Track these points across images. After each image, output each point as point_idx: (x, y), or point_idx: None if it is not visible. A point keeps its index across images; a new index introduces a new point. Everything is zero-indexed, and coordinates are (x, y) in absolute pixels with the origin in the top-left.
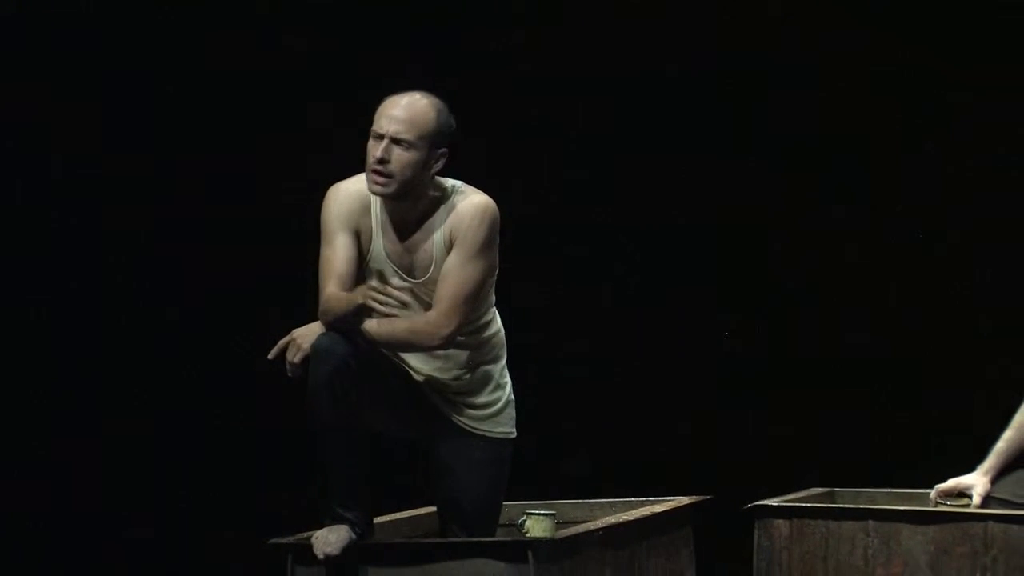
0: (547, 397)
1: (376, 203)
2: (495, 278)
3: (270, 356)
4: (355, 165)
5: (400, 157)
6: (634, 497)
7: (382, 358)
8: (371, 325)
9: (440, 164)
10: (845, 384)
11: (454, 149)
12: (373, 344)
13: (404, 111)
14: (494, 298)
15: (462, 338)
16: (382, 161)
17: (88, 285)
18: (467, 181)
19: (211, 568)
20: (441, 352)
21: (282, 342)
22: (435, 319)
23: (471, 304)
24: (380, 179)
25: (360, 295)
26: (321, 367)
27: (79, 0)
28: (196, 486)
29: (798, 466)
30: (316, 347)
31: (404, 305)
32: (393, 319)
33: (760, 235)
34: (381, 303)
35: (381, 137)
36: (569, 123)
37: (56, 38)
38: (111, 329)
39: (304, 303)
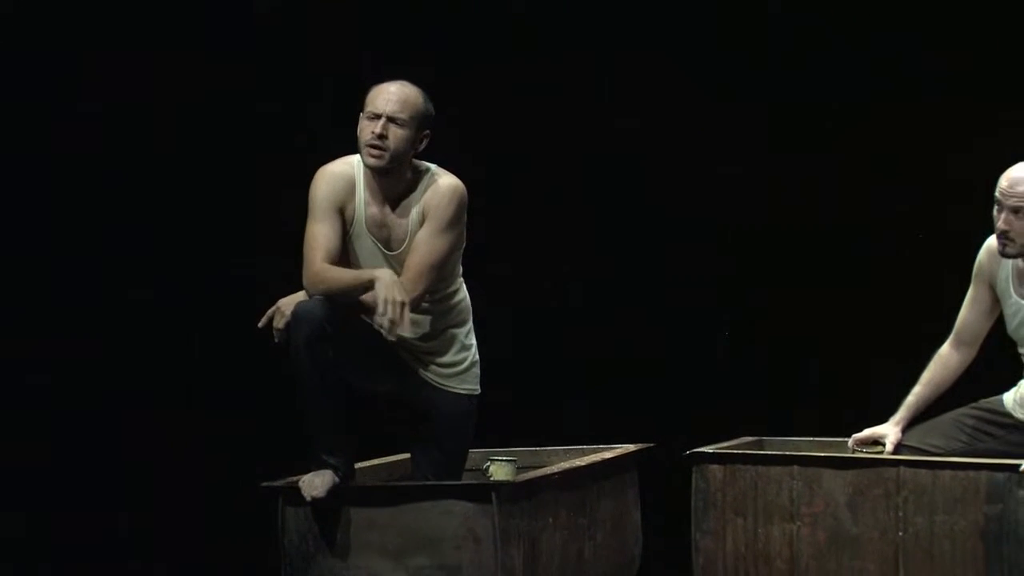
0: (516, 356)
1: (360, 183)
2: (461, 252)
3: (260, 324)
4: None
5: (395, 133)
6: (586, 445)
7: (358, 322)
8: (358, 295)
9: (423, 144)
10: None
11: (433, 133)
12: (350, 308)
13: (398, 94)
14: (460, 269)
15: (427, 304)
16: (381, 136)
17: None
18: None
19: (209, 509)
20: (411, 316)
21: (269, 311)
22: (403, 284)
23: (436, 273)
24: (376, 152)
25: (364, 279)
26: (301, 331)
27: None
28: (197, 437)
29: (731, 417)
30: (296, 313)
31: (402, 328)
32: (376, 288)
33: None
34: (386, 320)
35: (378, 116)
36: None
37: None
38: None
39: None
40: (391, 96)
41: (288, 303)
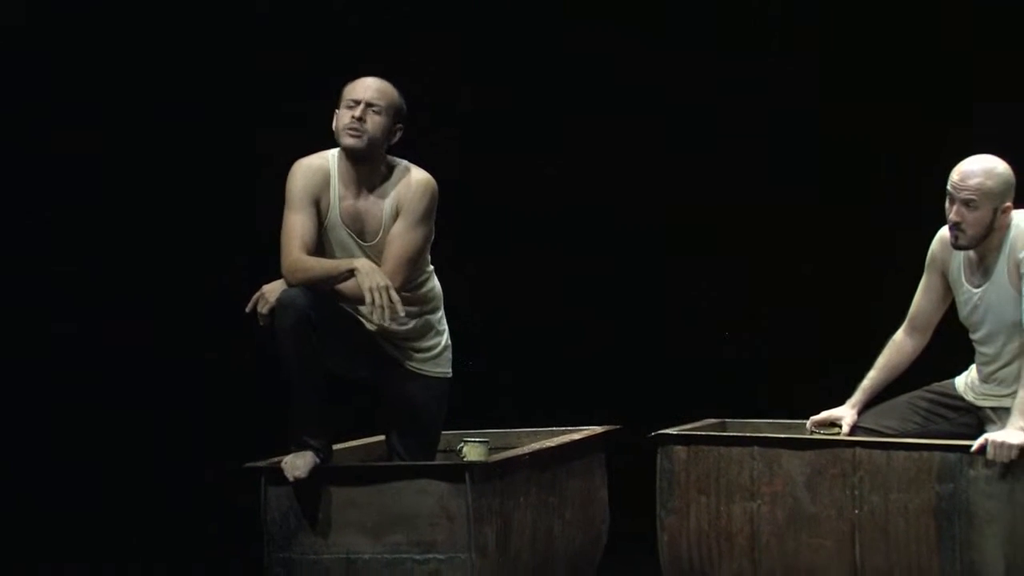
0: (485, 344)
1: (334, 176)
2: (431, 243)
3: (247, 309)
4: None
5: (373, 119)
6: (556, 427)
7: (339, 310)
8: (336, 283)
9: (397, 136)
10: (726, 329)
11: (406, 127)
12: (331, 297)
13: (376, 84)
14: (430, 258)
15: (406, 293)
16: (360, 120)
17: None
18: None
19: (195, 490)
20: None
21: (254, 296)
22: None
23: (413, 264)
24: (355, 132)
25: (342, 268)
26: (285, 318)
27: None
28: (182, 420)
29: (694, 401)
30: (280, 300)
31: (397, 316)
32: (358, 279)
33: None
34: (375, 305)
35: (357, 103)
36: None
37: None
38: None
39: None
40: (369, 85)
41: (272, 289)
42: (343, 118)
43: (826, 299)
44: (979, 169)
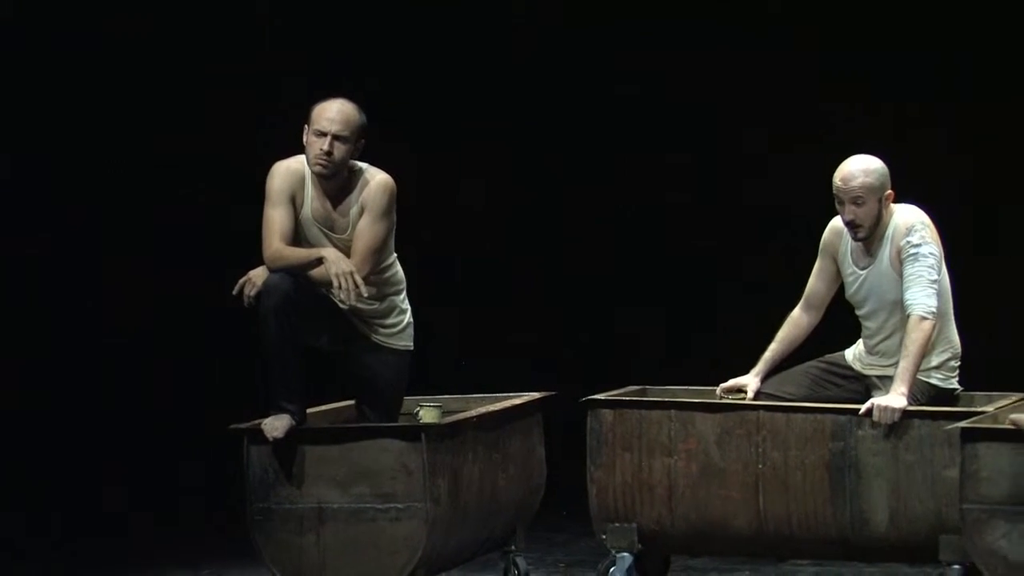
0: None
1: (308, 178)
2: (393, 234)
3: (234, 292)
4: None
5: (339, 148)
6: (499, 393)
7: (317, 292)
8: (309, 269)
9: (359, 150)
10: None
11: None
12: (311, 282)
13: (339, 114)
14: (393, 246)
15: (373, 278)
16: (328, 154)
17: None
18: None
19: (186, 448)
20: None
21: (240, 280)
22: (354, 265)
23: (378, 254)
24: (324, 164)
25: (314, 256)
26: (269, 299)
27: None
28: (176, 388)
29: (620, 369)
30: (266, 284)
31: (361, 297)
32: (326, 266)
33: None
34: (342, 289)
35: (324, 134)
36: None
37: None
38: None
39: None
40: (335, 116)
41: (257, 275)
42: (313, 147)
43: (734, 285)
44: (858, 169)
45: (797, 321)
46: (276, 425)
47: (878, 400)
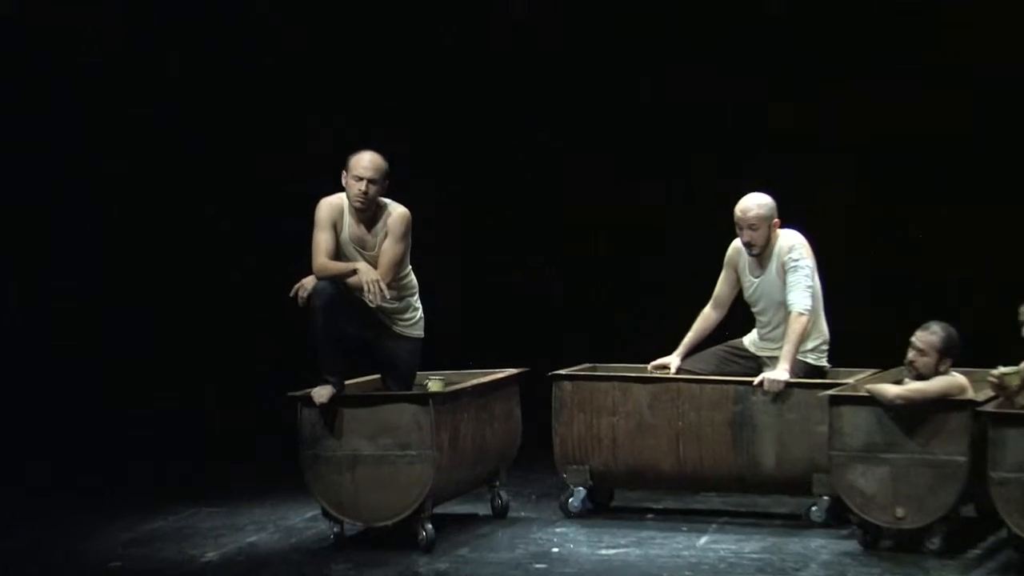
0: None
1: (346, 209)
2: (409, 251)
3: (291, 295)
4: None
5: (372, 189)
6: (487, 369)
7: (353, 295)
8: (347, 278)
9: (386, 188)
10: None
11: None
12: (348, 287)
13: (372, 163)
14: (408, 260)
15: (393, 284)
16: (365, 193)
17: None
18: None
19: (249, 413)
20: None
21: (296, 286)
22: (380, 275)
23: (398, 267)
24: (363, 201)
25: (350, 268)
26: (318, 300)
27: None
28: (245, 366)
29: (577, 350)
30: (316, 288)
31: (385, 299)
32: (359, 276)
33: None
34: (371, 293)
35: (361, 179)
36: None
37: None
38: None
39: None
40: (368, 165)
41: (308, 281)
42: (352, 189)
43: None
44: (753, 203)
45: (708, 316)
46: (322, 393)
47: (768, 374)
